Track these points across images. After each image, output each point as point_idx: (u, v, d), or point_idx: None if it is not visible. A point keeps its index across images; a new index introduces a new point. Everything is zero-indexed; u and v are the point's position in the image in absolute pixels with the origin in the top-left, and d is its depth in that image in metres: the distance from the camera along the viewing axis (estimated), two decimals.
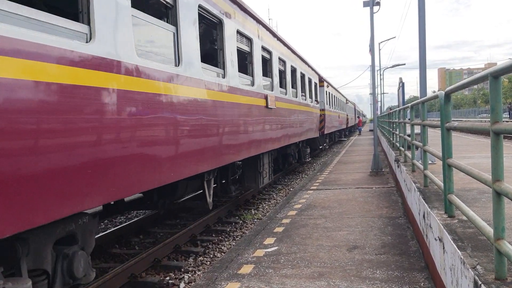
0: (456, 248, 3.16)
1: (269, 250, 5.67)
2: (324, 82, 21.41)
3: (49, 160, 3.23)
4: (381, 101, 45.32)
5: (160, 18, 5.32)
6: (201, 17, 6.40)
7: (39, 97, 3.17)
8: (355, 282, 4.39)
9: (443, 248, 3.65)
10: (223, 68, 7.17)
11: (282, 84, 11.74)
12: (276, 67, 10.82)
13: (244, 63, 8.70)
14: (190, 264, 6.35)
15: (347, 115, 36.87)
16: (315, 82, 18.31)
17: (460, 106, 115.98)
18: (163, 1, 5.33)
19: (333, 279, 4.52)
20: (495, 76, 2.59)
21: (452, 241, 3.32)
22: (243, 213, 9.63)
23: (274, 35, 10.94)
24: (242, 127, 7.87)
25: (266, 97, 9.42)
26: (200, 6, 6.21)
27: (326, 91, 21.65)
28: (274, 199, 11.33)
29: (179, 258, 6.74)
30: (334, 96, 25.88)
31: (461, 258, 3.00)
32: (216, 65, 7.09)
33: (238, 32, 7.93)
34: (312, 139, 17.75)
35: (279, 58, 11.35)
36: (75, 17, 3.82)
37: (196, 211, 9.33)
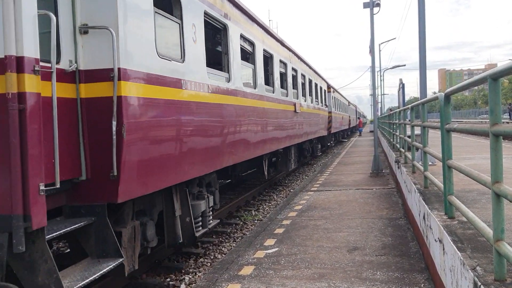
0: (456, 249, 3.17)
1: (270, 251, 5.68)
2: (331, 89, 24.78)
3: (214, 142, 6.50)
4: (381, 102, 45.34)
5: (246, 61, 8.64)
6: (264, 56, 9.84)
7: (232, 110, 7.21)
8: (356, 284, 4.40)
9: (443, 249, 3.66)
10: (273, 86, 10.55)
11: (303, 93, 15.16)
12: (300, 81, 14.30)
13: (282, 80, 11.93)
14: (191, 266, 6.36)
15: (349, 116, 40.77)
16: (324, 89, 22.02)
17: (460, 107, 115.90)
18: (247, 51, 8.70)
19: (334, 280, 4.53)
20: (494, 78, 2.60)
21: (452, 242, 3.33)
22: (243, 214, 9.64)
23: (299, 57, 14.67)
24: (282, 126, 11.15)
25: (294, 104, 12.75)
26: (264, 50, 9.73)
27: (333, 96, 25.03)
28: (274, 200, 11.34)
29: (179, 260, 6.74)
30: (338, 100, 29.48)
31: (461, 259, 3.01)
32: (268, 84, 10.32)
33: (280, 61, 11.45)
34: (322, 137, 20.95)
35: (302, 74, 14.88)
36: (220, 68, 7.30)
37: (257, 180, 13.13)
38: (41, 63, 3.40)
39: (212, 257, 6.79)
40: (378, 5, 13.60)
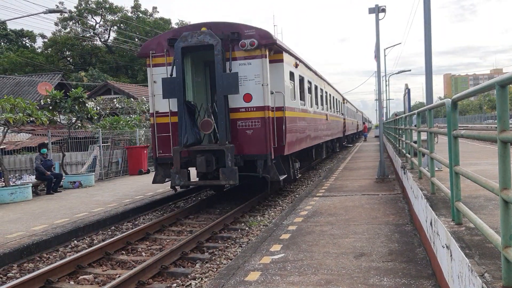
0: (464, 256, 3.16)
1: (276, 257, 5.68)
2: (345, 100, 31.67)
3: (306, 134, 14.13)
4: (386, 107, 45.35)
5: (309, 92, 15.14)
6: (314, 88, 16.40)
7: (308, 122, 14.74)
8: None
9: (451, 255, 3.65)
10: (317, 104, 16.87)
11: (330, 106, 21.60)
12: (328, 98, 20.93)
13: (321, 99, 18.34)
14: (197, 271, 6.36)
15: (357, 122, 48.08)
16: (340, 102, 28.50)
17: (466, 112, 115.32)
18: (309, 87, 15.21)
19: (340, 286, 4.52)
20: (502, 85, 2.61)
21: (459, 249, 3.32)
22: (249, 219, 9.64)
23: (328, 83, 21.17)
24: (321, 129, 17.62)
25: (326, 115, 19.36)
26: (314, 85, 16.47)
27: (346, 106, 32.05)
28: (280, 206, 11.32)
29: (185, 265, 6.76)
30: (350, 109, 36.74)
31: (468, 265, 3.00)
32: (316, 103, 16.67)
33: (320, 88, 18.07)
34: (339, 138, 27.63)
35: (329, 94, 21.39)
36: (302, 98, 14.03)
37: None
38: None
39: (218, 262, 6.78)
40: (384, 10, 13.61)
